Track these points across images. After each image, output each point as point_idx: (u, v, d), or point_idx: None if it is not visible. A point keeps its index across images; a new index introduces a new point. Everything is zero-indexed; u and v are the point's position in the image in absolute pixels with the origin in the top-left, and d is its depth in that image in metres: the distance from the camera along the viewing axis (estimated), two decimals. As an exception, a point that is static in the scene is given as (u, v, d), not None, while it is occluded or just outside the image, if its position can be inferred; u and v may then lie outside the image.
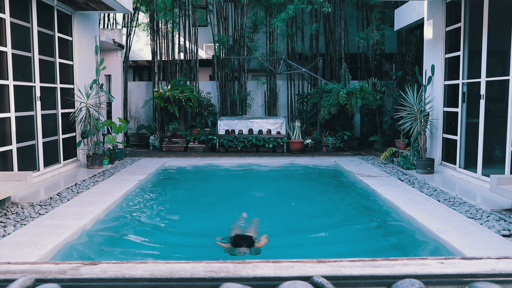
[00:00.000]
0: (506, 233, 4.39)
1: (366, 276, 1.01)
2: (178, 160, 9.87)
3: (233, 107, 12.85)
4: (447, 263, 1.07)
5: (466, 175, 7.20)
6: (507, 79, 6.15)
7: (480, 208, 5.43)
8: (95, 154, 8.53)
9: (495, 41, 6.64)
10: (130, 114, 13.39)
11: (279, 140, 11.18)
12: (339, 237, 4.97)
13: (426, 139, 8.02)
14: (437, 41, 8.20)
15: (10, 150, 6.43)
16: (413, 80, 11.28)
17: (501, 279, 1.01)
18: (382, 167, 8.76)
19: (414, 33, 12.33)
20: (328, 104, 11.00)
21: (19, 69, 6.74)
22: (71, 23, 8.56)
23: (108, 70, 11.24)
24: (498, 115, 6.80)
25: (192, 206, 6.47)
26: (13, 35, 6.47)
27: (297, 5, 11.47)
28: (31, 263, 1.06)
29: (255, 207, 6.32)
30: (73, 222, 4.77)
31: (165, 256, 4.35)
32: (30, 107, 7.08)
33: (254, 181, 8.16)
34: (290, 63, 11.43)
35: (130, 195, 6.59)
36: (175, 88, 11.61)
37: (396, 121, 10.61)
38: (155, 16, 12.27)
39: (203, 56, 15.68)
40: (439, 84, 8.16)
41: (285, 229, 5.33)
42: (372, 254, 4.32)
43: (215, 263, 1.06)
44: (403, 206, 5.51)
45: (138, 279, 0.99)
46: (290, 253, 4.43)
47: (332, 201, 6.63)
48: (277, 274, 1.00)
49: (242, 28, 12.61)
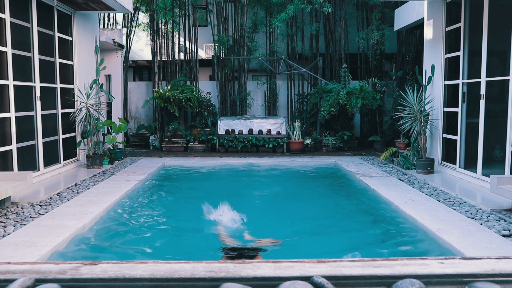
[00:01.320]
0: (506, 233, 4.39)
1: (366, 276, 1.01)
2: (178, 160, 9.88)
3: (233, 107, 12.85)
4: (447, 263, 1.07)
5: (466, 175, 7.20)
6: (507, 79, 6.15)
7: (480, 208, 5.43)
8: (95, 154, 8.53)
9: (495, 41, 6.64)
10: (130, 114, 13.39)
11: (279, 140, 11.18)
12: (339, 237, 4.96)
13: (426, 139, 8.02)
14: (437, 41, 8.20)
15: (10, 150, 6.43)
16: (413, 80, 11.28)
17: (501, 279, 1.01)
18: (382, 167, 8.76)
19: (414, 33, 12.33)
20: (328, 104, 11.00)
21: (19, 69, 6.74)
22: (71, 23, 8.56)
23: (108, 70, 11.24)
24: (498, 115, 6.81)
25: (192, 206, 6.46)
26: (13, 35, 6.47)
27: (297, 5, 11.47)
28: (31, 263, 1.06)
29: (255, 207, 6.32)
30: (73, 222, 4.77)
31: (165, 256, 4.35)
32: (30, 107, 7.08)
33: (255, 181, 8.16)
34: (290, 63, 11.43)
35: (130, 195, 6.59)
36: (175, 88, 11.61)
37: (396, 121, 10.61)
38: (155, 16, 12.28)
39: (203, 56, 15.68)
40: (439, 84, 8.16)
41: (285, 229, 5.33)
42: (372, 254, 4.32)
43: (215, 263, 1.06)
44: (403, 206, 5.51)
45: (138, 279, 0.99)
46: (290, 253, 4.43)
47: (332, 201, 6.62)
48: (277, 274, 1.00)
49: (242, 28, 12.61)
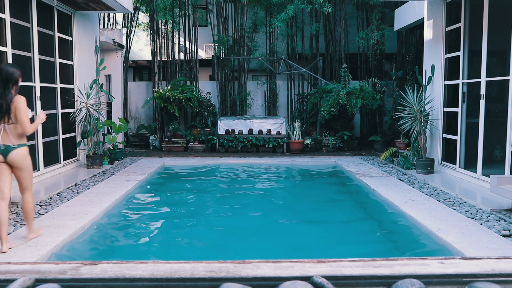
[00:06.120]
0: (506, 233, 4.39)
1: (366, 276, 1.01)
2: (178, 160, 9.87)
3: (233, 107, 12.84)
4: (447, 263, 1.07)
5: (466, 175, 7.20)
6: (507, 79, 6.15)
7: (480, 208, 5.43)
8: (95, 154, 8.53)
9: (495, 41, 6.64)
10: (130, 114, 13.39)
11: (279, 140, 11.18)
12: (338, 237, 4.96)
13: (426, 139, 8.02)
14: (437, 41, 8.20)
15: (10, 150, 6.42)
16: (413, 80, 11.27)
17: (501, 279, 1.01)
18: (382, 167, 8.76)
19: (414, 33, 12.32)
20: (328, 104, 10.99)
21: (19, 69, 6.72)
22: (71, 23, 8.56)
23: (108, 70, 11.24)
24: (498, 115, 6.80)
25: (192, 206, 6.47)
26: (13, 35, 6.46)
27: (297, 5, 11.46)
28: (31, 263, 1.06)
29: (255, 208, 6.32)
30: (73, 222, 4.77)
31: (165, 257, 4.35)
32: (30, 107, 7.03)
33: (255, 182, 8.15)
34: (290, 63, 11.43)
35: (130, 195, 6.59)
36: (175, 88, 11.61)
37: (396, 121, 10.60)
38: (155, 16, 12.27)
39: (203, 56, 15.68)
40: (439, 84, 8.15)
41: (284, 229, 5.33)
42: (372, 254, 4.32)
43: (215, 263, 1.06)
44: (403, 206, 5.51)
45: (138, 279, 0.99)
46: (290, 253, 4.43)
47: (332, 201, 6.62)
48: (277, 274, 1.00)
49: (242, 28, 12.61)
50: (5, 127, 3.95)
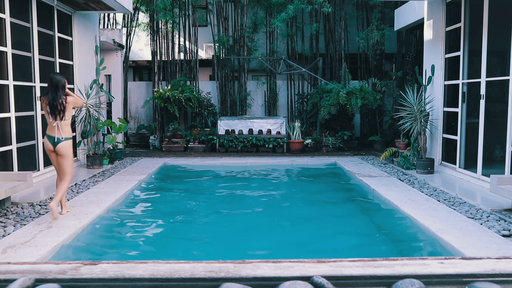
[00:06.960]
0: (506, 233, 4.39)
1: (366, 276, 1.01)
2: (178, 160, 9.87)
3: (233, 107, 12.85)
4: (447, 263, 1.07)
5: (466, 175, 7.20)
6: (507, 79, 6.15)
7: (480, 208, 5.43)
8: (95, 154, 8.53)
9: (495, 41, 6.64)
10: (130, 114, 13.39)
11: (279, 140, 11.18)
12: (338, 237, 4.96)
13: (426, 139, 8.02)
14: (437, 41, 8.20)
15: (10, 150, 6.43)
16: (413, 80, 11.28)
17: (501, 279, 1.01)
18: (382, 167, 8.76)
19: (414, 33, 12.33)
20: (328, 104, 11.00)
21: (19, 69, 6.74)
22: (71, 23, 8.56)
23: (108, 70, 11.24)
24: (498, 115, 6.81)
25: (192, 206, 6.47)
26: (13, 35, 6.47)
27: (297, 5, 11.46)
28: (31, 263, 1.06)
29: (255, 208, 6.32)
30: (73, 222, 4.77)
31: (165, 256, 4.35)
32: (30, 107, 7.08)
33: (255, 182, 8.16)
34: (290, 63, 11.43)
35: (130, 195, 6.59)
36: (175, 88, 11.61)
37: (396, 121, 10.61)
38: (155, 16, 12.27)
39: (203, 56, 15.68)
40: (439, 84, 8.16)
41: (284, 229, 5.33)
42: (372, 254, 4.32)
43: (215, 263, 1.06)
44: (403, 206, 5.51)
45: (138, 279, 0.99)
46: (286, 251, 4.43)
47: (332, 201, 6.62)
48: (277, 274, 1.00)
49: (242, 28, 12.61)
50: (58, 124, 4.91)
